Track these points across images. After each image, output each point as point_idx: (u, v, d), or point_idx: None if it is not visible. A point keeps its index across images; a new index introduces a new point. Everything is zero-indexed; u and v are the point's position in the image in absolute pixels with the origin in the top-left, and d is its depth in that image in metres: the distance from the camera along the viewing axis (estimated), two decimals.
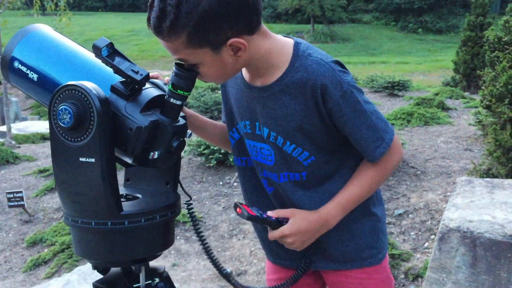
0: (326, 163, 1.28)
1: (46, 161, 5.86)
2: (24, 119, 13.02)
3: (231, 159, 4.51)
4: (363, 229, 1.34)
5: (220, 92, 1.60)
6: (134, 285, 1.19)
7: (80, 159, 1.06)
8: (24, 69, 1.18)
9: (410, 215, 3.69)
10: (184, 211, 1.40)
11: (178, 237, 3.85)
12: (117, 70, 1.09)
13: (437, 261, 2.50)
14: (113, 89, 1.11)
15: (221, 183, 4.47)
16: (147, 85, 1.18)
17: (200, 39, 1.08)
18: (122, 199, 1.21)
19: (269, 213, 1.26)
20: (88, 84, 1.06)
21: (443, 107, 6.78)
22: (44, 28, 1.25)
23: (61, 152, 1.09)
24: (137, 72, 1.10)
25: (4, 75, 1.23)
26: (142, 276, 1.18)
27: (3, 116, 10.06)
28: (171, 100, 1.12)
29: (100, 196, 1.07)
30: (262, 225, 1.34)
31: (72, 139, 1.07)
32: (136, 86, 1.11)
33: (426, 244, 3.35)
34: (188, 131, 1.22)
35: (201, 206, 4.17)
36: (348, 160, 1.30)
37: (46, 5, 7.53)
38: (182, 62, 1.15)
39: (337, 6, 26.83)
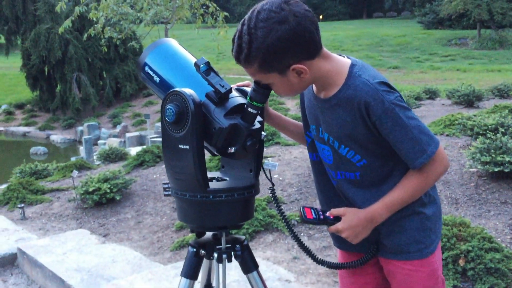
0: (379, 167, 1.48)
1: None
2: None
3: None
4: (411, 225, 1.50)
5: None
6: (217, 246, 1.52)
7: (179, 146, 1.43)
8: (151, 72, 1.58)
9: None
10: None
11: (302, 234, 4.14)
12: (209, 83, 1.43)
13: None
14: (207, 96, 1.45)
15: None
16: (236, 93, 1.51)
17: (268, 67, 1.37)
18: (214, 180, 1.56)
19: (328, 213, 1.50)
20: (188, 91, 1.42)
21: None
22: (171, 42, 1.63)
23: (167, 140, 1.46)
24: (222, 86, 1.43)
25: (138, 74, 1.65)
26: (223, 239, 1.50)
27: None
28: (248, 109, 1.43)
29: (192, 174, 1.42)
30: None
31: (174, 131, 1.43)
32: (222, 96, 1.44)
33: None
34: (263, 132, 1.51)
35: None
36: (399, 166, 1.48)
37: (206, 20, 8.46)
38: (259, 80, 1.44)
39: (508, 9, 24.56)
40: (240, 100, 1.48)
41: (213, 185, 1.48)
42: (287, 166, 5.50)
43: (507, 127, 4.79)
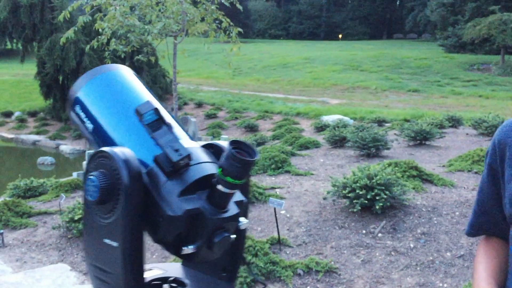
0: None
1: None
2: (199, 139, 14.08)
3: (377, 206, 4.08)
4: None
5: None
6: None
7: (104, 239, 0.89)
8: (83, 115, 1.04)
9: None
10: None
11: (308, 287, 3.57)
12: (156, 143, 0.91)
13: None
14: (156, 161, 0.92)
15: (364, 231, 4.07)
16: (204, 155, 0.97)
17: None
18: (165, 285, 1.02)
19: None
20: (122, 152, 0.89)
21: None
22: (120, 71, 1.07)
23: (89, 227, 0.93)
24: (176, 151, 0.90)
25: (68, 114, 1.13)
26: None
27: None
28: (219, 186, 0.89)
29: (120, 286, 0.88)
30: None
31: (99, 214, 0.90)
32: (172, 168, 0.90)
33: None
34: (242, 219, 0.96)
35: (339, 255, 3.82)
36: None
37: (219, 35, 8.01)
38: (240, 140, 0.90)
39: None
40: (209, 168, 0.95)
41: None
42: (296, 200, 4.94)
43: None
